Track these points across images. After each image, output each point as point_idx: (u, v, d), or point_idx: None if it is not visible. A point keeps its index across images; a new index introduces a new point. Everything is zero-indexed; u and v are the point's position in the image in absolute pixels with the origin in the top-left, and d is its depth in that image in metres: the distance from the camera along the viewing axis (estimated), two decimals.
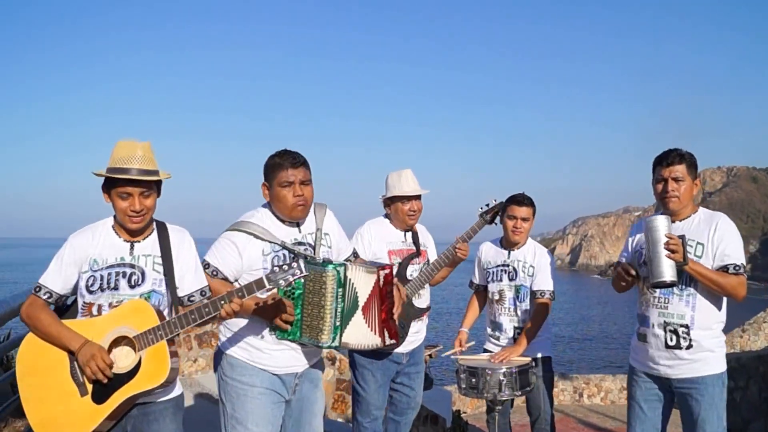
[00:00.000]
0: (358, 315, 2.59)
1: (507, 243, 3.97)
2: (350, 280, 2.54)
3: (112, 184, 2.46)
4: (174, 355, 2.46)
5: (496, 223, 3.90)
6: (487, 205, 3.87)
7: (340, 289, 2.49)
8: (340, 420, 6.87)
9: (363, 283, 2.60)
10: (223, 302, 2.37)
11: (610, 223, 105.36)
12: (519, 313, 3.88)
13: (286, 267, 2.36)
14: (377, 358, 3.56)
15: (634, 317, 3.22)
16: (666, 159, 2.98)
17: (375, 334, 2.64)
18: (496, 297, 3.96)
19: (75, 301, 2.64)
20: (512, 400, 3.94)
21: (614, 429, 9.15)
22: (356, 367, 3.62)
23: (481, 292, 4.17)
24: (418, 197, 3.72)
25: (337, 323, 2.51)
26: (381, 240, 3.67)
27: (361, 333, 2.61)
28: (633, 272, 2.98)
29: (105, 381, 2.39)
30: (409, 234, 3.76)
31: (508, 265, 3.92)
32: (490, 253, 4.06)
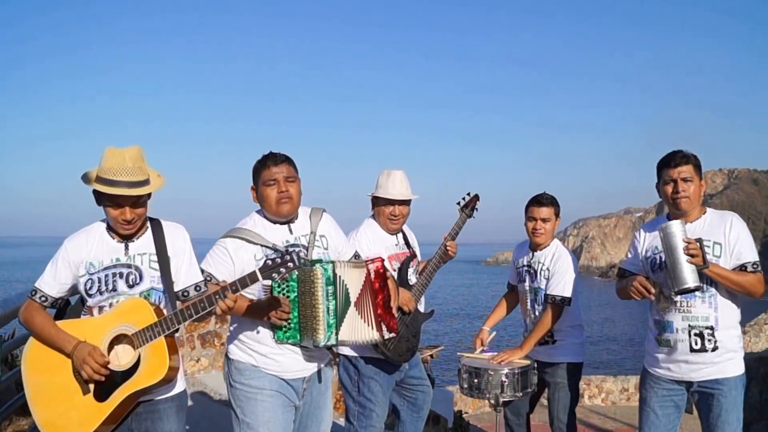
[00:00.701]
0: (352, 311, 2.57)
1: (532, 244, 3.84)
2: (340, 276, 2.52)
3: (102, 193, 2.44)
4: (174, 351, 2.46)
5: (474, 217, 3.78)
6: (464, 198, 3.76)
7: (330, 287, 2.50)
8: (342, 420, 6.87)
9: (353, 279, 2.57)
10: (218, 297, 2.38)
11: (611, 225, 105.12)
12: (537, 315, 3.75)
13: (279, 260, 2.37)
14: (385, 369, 3.41)
15: (635, 318, 3.21)
16: (673, 160, 2.97)
17: (372, 328, 2.61)
18: (522, 298, 3.89)
19: (75, 301, 2.65)
20: (531, 401, 3.89)
21: (615, 429, 9.15)
22: (361, 378, 3.41)
23: (511, 293, 4.07)
24: (403, 202, 3.48)
25: (331, 321, 2.51)
26: (380, 244, 3.47)
27: (357, 329, 2.58)
28: (654, 291, 2.92)
29: (103, 380, 2.39)
30: (400, 236, 3.61)
31: (530, 267, 3.79)
32: (521, 253, 3.94)
